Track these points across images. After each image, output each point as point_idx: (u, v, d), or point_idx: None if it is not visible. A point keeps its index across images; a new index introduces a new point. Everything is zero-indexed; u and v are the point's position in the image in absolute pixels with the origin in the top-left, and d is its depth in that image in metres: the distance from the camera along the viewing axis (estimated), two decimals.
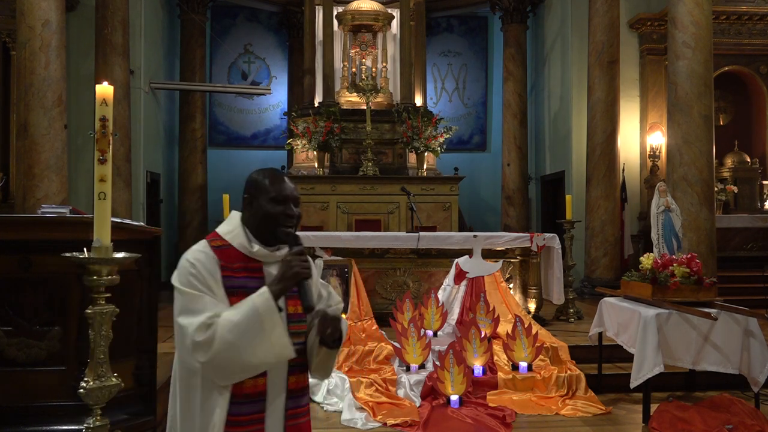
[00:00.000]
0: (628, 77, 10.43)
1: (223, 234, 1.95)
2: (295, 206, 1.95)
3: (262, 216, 1.92)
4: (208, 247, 1.91)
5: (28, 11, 7.20)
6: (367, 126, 9.59)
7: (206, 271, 1.84)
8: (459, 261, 6.59)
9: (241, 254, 1.92)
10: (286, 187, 1.93)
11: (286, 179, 1.97)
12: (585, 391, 5.12)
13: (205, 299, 1.81)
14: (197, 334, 1.75)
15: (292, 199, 1.95)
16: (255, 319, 1.77)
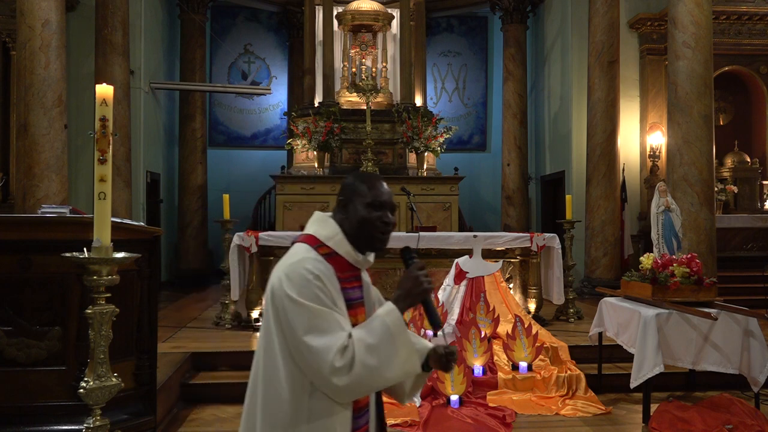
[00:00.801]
0: (628, 77, 10.43)
1: (325, 239, 1.83)
2: (391, 213, 1.87)
3: (357, 221, 1.82)
4: (320, 256, 1.78)
5: (28, 11, 7.20)
6: (367, 126, 9.58)
7: (330, 284, 1.74)
8: (459, 261, 6.59)
9: (347, 263, 1.83)
10: (383, 193, 1.85)
11: (384, 184, 1.89)
12: (585, 391, 5.12)
13: (334, 316, 1.70)
14: (336, 358, 1.65)
15: (389, 206, 1.86)
16: (389, 339, 1.70)
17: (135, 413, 3.56)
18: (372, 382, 1.71)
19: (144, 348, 3.67)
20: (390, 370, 1.70)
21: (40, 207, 3.90)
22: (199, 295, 9.95)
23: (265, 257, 6.74)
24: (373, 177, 1.91)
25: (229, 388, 5.18)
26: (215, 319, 6.98)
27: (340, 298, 1.76)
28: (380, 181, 1.89)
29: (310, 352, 1.66)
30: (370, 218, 1.82)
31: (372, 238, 1.83)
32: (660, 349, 4.38)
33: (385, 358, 1.69)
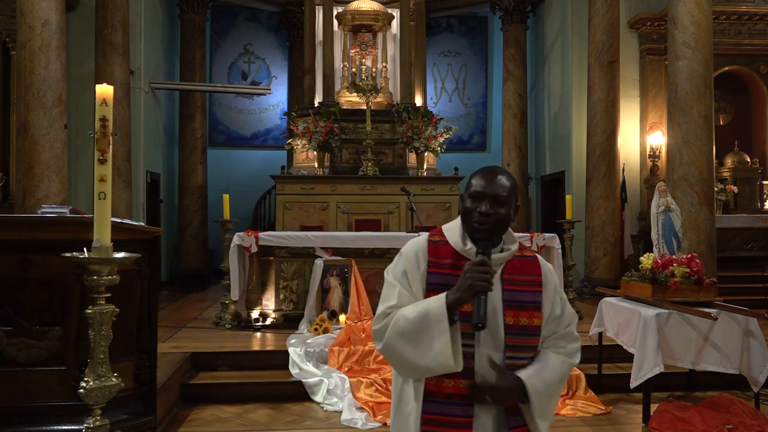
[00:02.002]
0: (628, 77, 10.43)
1: (445, 230, 1.96)
2: (492, 204, 1.81)
3: (461, 212, 1.91)
4: (425, 241, 1.94)
5: (28, 11, 7.20)
6: (367, 126, 9.59)
7: (411, 264, 1.89)
8: None
9: (454, 251, 1.88)
10: (483, 184, 1.83)
11: (496, 176, 1.84)
12: (585, 391, 5.12)
13: (397, 290, 1.86)
14: (375, 321, 1.84)
15: (490, 196, 1.82)
16: (425, 323, 1.75)
17: (135, 413, 3.56)
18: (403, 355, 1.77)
19: (144, 348, 3.67)
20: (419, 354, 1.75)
21: (40, 207, 3.90)
22: (199, 295, 9.95)
23: (265, 257, 6.74)
24: (484, 169, 1.90)
25: (229, 388, 5.19)
26: (215, 319, 6.98)
27: (419, 278, 1.86)
28: (488, 173, 1.87)
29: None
30: (468, 209, 1.86)
31: (471, 229, 1.86)
32: (660, 349, 4.37)
33: (416, 338, 1.75)
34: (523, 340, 1.84)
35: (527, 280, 1.89)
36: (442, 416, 1.80)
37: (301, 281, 6.78)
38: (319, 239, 6.76)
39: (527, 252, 1.95)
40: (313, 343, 5.62)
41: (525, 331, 1.84)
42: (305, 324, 6.32)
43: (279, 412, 4.85)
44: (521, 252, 1.93)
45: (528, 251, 1.96)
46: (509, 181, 1.86)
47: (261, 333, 6.47)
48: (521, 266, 1.90)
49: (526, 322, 1.84)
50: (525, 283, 1.88)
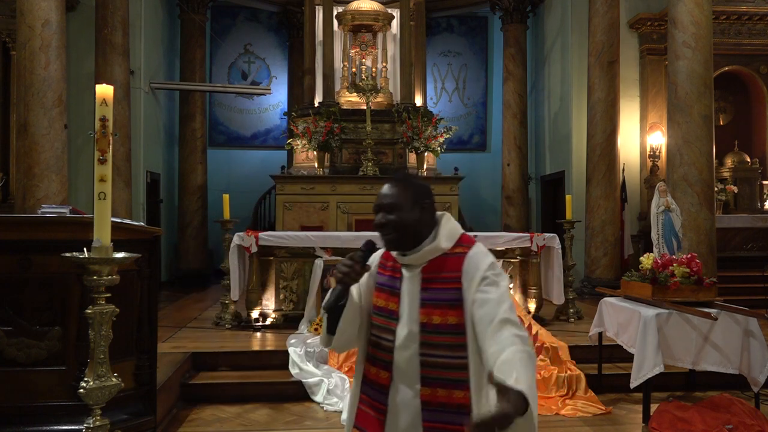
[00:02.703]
0: (628, 77, 10.43)
1: None
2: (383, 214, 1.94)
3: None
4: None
5: (28, 11, 7.20)
6: (367, 126, 9.59)
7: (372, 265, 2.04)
8: None
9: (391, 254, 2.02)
10: (380, 195, 1.98)
11: (385, 187, 1.99)
12: (585, 391, 5.12)
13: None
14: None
15: (379, 207, 1.96)
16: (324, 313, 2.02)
17: (135, 413, 3.56)
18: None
19: (144, 348, 3.67)
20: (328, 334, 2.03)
21: (40, 207, 3.90)
22: (199, 295, 9.95)
23: (265, 257, 6.74)
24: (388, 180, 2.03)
25: (229, 388, 5.19)
26: (215, 319, 6.98)
27: (370, 278, 2.04)
28: (388, 183, 2.00)
29: None
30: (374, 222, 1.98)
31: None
32: (660, 349, 4.37)
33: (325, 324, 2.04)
34: (438, 338, 1.86)
35: (445, 277, 1.90)
36: (368, 398, 1.98)
37: (301, 281, 6.78)
38: (319, 239, 6.76)
39: (459, 249, 1.93)
40: (313, 343, 5.62)
41: (438, 329, 1.86)
42: (305, 324, 6.32)
43: (279, 412, 4.85)
44: (453, 249, 1.93)
45: (461, 248, 1.93)
46: (395, 187, 1.95)
47: (261, 333, 6.47)
48: (443, 264, 1.91)
49: (438, 320, 1.86)
50: (442, 281, 1.89)
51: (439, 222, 1.96)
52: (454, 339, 1.85)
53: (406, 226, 1.91)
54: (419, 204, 1.93)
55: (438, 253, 1.92)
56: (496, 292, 1.83)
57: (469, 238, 1.98)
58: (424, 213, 1.93)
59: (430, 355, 1.86)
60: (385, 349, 1.93)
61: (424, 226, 1.93)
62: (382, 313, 1.96)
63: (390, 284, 1.97)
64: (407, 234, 1.91)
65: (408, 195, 1.93)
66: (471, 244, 1.95)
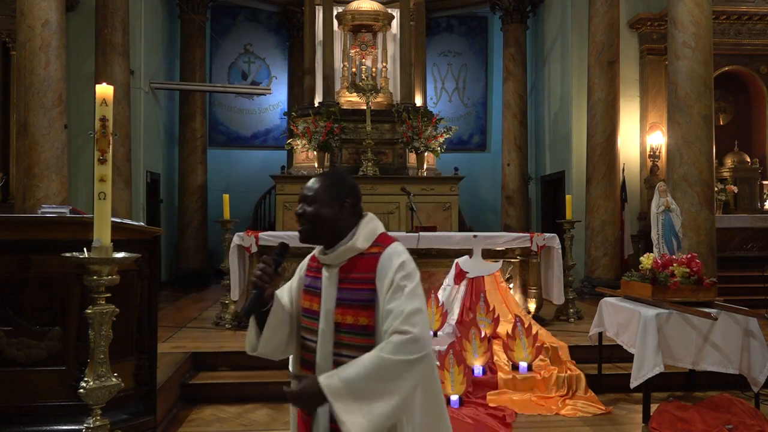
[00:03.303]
0: (628, 77, 10.43)
1: None
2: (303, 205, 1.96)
3: None
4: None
5: (28, 11, 7.19)
6: (367, 126, 9.59)
7: (302, 265, 2.11)
8: (459, 261, 6.58)
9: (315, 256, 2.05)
10: (305, 187, 1.98)
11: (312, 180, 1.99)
12: (585, 391, 5.12)
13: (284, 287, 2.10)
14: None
15: (301, 198, 1.98)
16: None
17: (135, 413, 3.56)
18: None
19: (144, 348, 3.67)
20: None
21: (40, 207, 3.90)
22: (199, 295, 9.95)
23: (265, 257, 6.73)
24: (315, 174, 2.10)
25: (229, 388, 5.19)
26: (215, 319, 6.98)
27: (298, 280, 2.08)
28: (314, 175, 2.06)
29: None
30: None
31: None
32: (660, 349, 4.37)
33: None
34: (349, 339, 1.87)
35: (360, 278, 1.90)
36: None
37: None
38: None
39: (375, 249, 1.93)
40: None
41: (351, 329, 1.87)
42: None
43: (279, 412, 4.85)
44: (370, 249, 1.93)
45: (377, 248, 1.93)
46: (320, 182, 1.96)
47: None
48: (359, 264, 1.92)
49: (351, 320, 1.87)
50: (357, 281, 1.90)
51: (360, 222, 1.97)
52: (365, 340, 1.85)
53: (323, 220, 1.92)
54: (340, 201, 1.94)
55: (354, 253, 1.93)
56: (398, 301, 1.82)
57: (388, 237, 1.97)
58: (344, 211, 1.94)
59: (343, 355, 1.86)
60: (309, 350, 1.95)
61: (343, 224, 1.94)
62: (307, 314, 1.99)
63: (313, 285, 1.99)
64: (323, 228, 1.93)
65: (331, 191, 1.94)
66: (387, 243, 1.94)
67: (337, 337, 1.89)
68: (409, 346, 1.76)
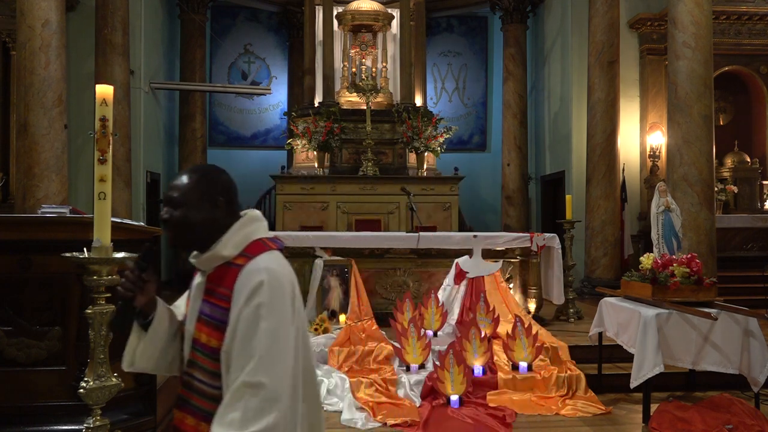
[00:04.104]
0: (628, 77, 10.43)
1: None
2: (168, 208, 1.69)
3: None
4: None
5: (28, 11, 7.19)
6: (367, 126, 9.59)
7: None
8: (459, 261, 6.59)
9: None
10: (170, 188, 1.71)
11: (179, 176, 1.71)
12: (585, 391, 5.12)
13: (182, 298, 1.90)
14: None
15: (166, 200, 1.70)
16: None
17: (135, 413, 3.56)
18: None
19: None
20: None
21: (40, 207, 3.90)
22: None
23: None
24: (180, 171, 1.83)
25: None
26: None
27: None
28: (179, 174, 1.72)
29: None
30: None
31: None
32: (660, 349, 4.37)
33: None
34: (202, 360, 1.63)
35: (220, 293, 1.63)
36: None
37: (301, 281, 6.75)
38: (319, 239, 6.76)
39: (241, 260, 1.64)
40: (313, 343, 5.62)
41: (203, 348, 1.63)
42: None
43: None
44: (237, 260, 1.64)
45: (243, 258, 1.64)
46: (188, 179, 1.68)
47: None
48: (223, 276, 1.64)
49: (205, 339, 1.63)
50: (217, 296, 1.63)
51: (234, 224, 1.69)
52: (213, 365, 1.60)
53: (191, 225, 1.66)
54: (211, 200, 1.67)
55: (220, 261, 1.66)
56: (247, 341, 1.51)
57: (261, 246, 1.66)
58: (217, 211, 1.67)
59: (194, 377, 1.64)
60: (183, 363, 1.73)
61: (219, 226, 1.67)
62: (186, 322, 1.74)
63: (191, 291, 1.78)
64: (192, 234, 1.67)
65: (200, 189, 1.67)
66: (255, 254, 1.64)
67: (192, 354, 1.66)
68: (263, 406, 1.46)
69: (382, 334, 5.82)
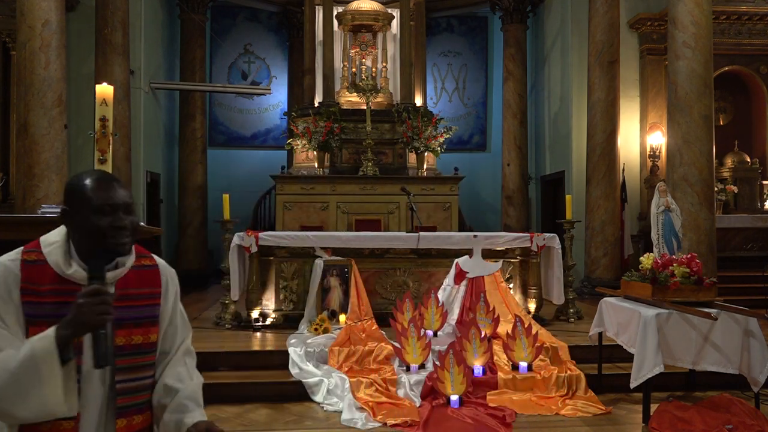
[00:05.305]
0: (628, 77, 10.43)
1: (43, 245, 1.64)
2: (126, 214, 1.62)
3: (86, 231, 1.60)
4: (18, 260, 1.60)
5: (28, 11, 7.20)
6: (367, 126, 9.59)
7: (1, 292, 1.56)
8: (459, 261, 6.59)
9: (56, 274, 1.60)
10: (110, 195, 1.60)
11: (115, 184, 1.64)
12: (585, 391, 5.12)
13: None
14: None
15: (123, 206, 1.62)
16: (31, 367, 1.46)
17: None
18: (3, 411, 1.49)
19: None
20: (23, 400, 1.47)
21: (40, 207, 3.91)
22: (198, 295, 9.95)
23: (265, 257, 6.74)
24: (100, 176, 1.65)
25: (229, 388, 5.19)
26: (215, 319, 6.98)
27: (14, 310, 1.56)
28: (105, 182, 1.63)
29: None
30: (101, 227, 1.58)
31: (107, 246, 1.60)
32: (660, 349, 4.38)
33: (20, 386, 1.47)
34: (138, 359, 1.67)
35: (145, 293, 1.70)
36: None
37: (301, 281, 6.79)
38: (319, 239, 6.76)
39: (146, 261, 1.75)
40: (313, 343, 5.62)
41: (140, 349, 1.67)
42: (305, 324, 6.32)
43: (279, 412, 4.85)
44: (139, 262, 1.72)
45: (147, 260, 1.75)
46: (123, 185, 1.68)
47: (261, 333, 6.47)
48: (139, 278, 1.70)
49: (140, 339, 1.67)
50: (142, 297, 1.68)
51: None
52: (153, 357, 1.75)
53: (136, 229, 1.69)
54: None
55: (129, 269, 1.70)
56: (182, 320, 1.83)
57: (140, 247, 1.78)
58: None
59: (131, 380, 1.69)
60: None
61: None
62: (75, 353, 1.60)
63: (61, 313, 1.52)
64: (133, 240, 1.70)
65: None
66: (146, 252, 1.78)
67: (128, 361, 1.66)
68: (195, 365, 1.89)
69: (382, 334, 5.83)
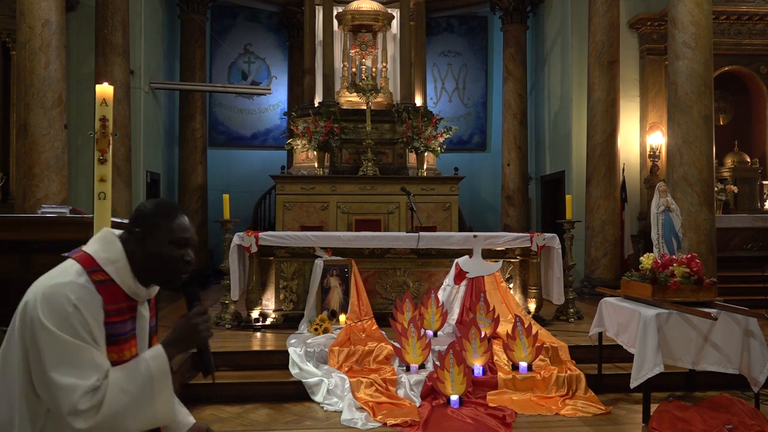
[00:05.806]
0: (628, 77, 10.44)
1: (104, 264, 1.69)
2: (189, 247, 1.80)
3: (156, 256, 1.72)
4: (90, 282, 1.64)
5: (28, 11, 7.20)
6: (367, 126, 9.59)
7: (90, 315, 1.60)
8: (459, 261, 6.59)
9: (123, 293, 1.70)
10: (186, 228, 1.78)
11: (186, 219, 1.81)
12: (585, 391, 5.12)
13: (90, 353, 1.58)
14: (82, 400, 1.53)
15: (192, 243, 1.81)
16: (148, 386, 1.61)
17: None
18: (117, 427, 1.58)
19: None
20: (139, 416, 1.60)
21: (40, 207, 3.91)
22: None
23: (265, 257, 6.74)
24: (176, 210, 1.80)
25: (229, 388, 5.19)
26: (215, 319, 6.98)
27: (102, 332, 1.63)
28: (181, 215, 1.80)
29: (55, 387, 1.54)
30: (173, 256, 1.74)
31: (172, 275, 1.76)
32: (660, 349, 4.38)
33: (137, 405, 1.59)
34: None
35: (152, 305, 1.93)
36: None
37: (301, 281, 6.79)
38: (319, 239, 6.76)
39: None
40: (313, 343, 5.62)
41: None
42: (305, 324, 6.32)
43: (279, 412, 4.85)
44: None
45: None
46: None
47: (261, 333, 6.47)
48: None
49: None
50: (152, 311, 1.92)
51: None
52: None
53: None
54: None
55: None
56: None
57: None
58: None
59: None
60: None
61: None
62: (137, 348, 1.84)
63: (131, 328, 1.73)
64: None
65: None
66: None
67: None
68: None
69: (382, 334, 5.83)
